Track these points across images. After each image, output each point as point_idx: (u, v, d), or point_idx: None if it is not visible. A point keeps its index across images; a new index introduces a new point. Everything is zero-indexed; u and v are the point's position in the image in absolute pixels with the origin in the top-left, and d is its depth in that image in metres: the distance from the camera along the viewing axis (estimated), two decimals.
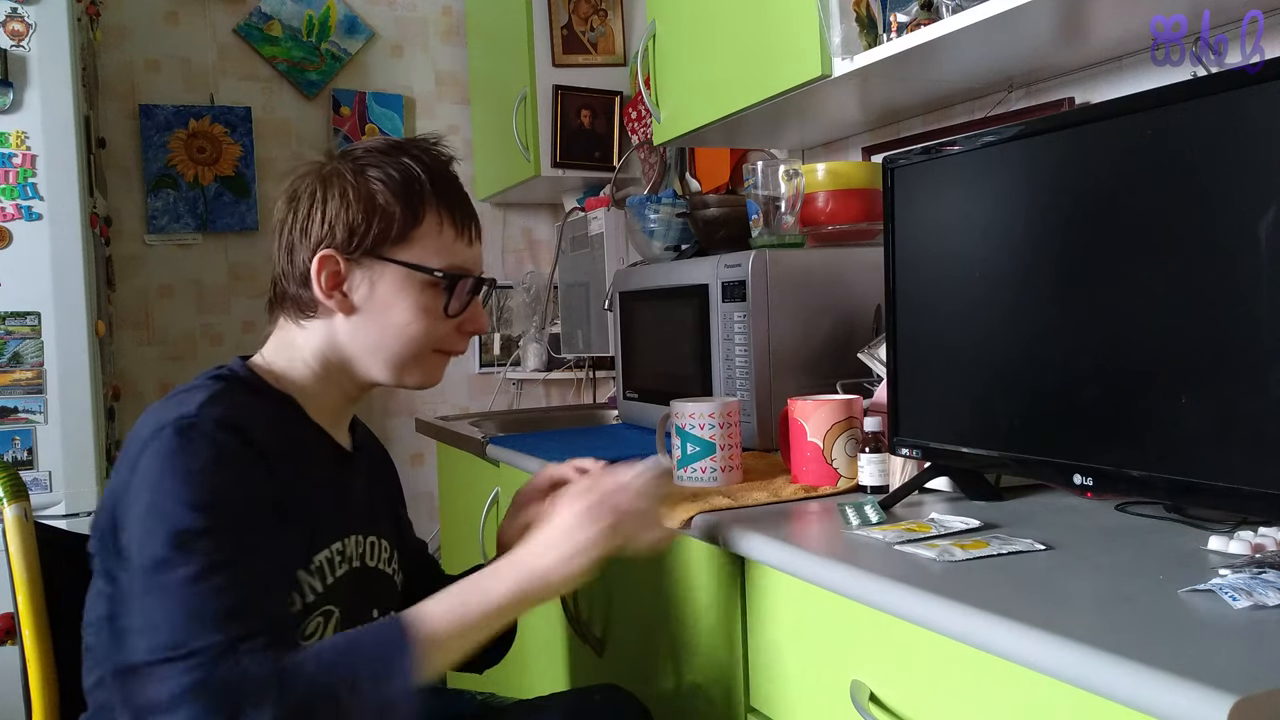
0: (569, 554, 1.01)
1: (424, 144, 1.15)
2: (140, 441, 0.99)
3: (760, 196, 1.66)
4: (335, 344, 1.12)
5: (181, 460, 0.95)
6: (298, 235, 1.10)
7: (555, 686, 1.66)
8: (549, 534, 1.02)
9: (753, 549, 1.09)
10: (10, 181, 2.25)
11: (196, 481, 0.95)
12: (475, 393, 3.39)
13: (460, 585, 1.00)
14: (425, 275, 1.10)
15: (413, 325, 1.11)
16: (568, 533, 1.02)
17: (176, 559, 0.91)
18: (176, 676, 0.87)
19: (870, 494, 1.26)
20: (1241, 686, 0.60)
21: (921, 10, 1.43)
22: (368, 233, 1.08)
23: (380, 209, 1.08)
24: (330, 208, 1.09)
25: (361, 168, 1.10)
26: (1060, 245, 1.03)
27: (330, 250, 1.08)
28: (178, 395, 1.03)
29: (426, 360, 1.14)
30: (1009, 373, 1.09)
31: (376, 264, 1.09)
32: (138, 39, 3.03)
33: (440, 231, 1.11)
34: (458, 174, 1.17)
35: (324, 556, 1.08)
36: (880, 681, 0.94)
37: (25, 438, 2.26)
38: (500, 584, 0.99)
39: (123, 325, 2.99)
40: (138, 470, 0.97)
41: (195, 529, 0.93)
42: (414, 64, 3.33)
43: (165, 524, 0.93)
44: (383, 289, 1.10)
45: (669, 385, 1.84)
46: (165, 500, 0.94)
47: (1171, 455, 0.91)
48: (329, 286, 1.09)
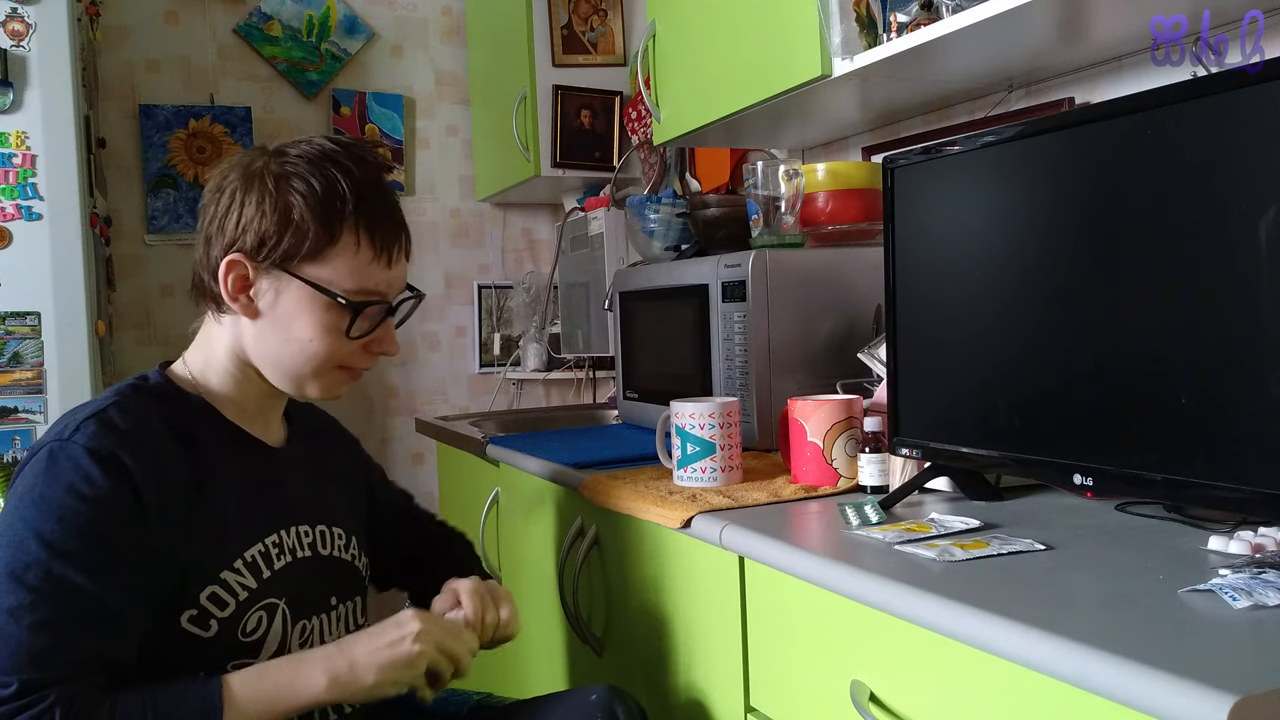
0: (383, 667, 1.04)
1: (357, 153, 1.12)
2: (24, 461, 1.01)
3: (760, 196, 1.66)
4: (242, 345, 1.12)
5: (41, 486, 0.97)
6: (215, 229, 1.09)
7: (554, 686, 1.66)
8: (375, 639, 1.06)
9: (753, 549, 1.09)
10: (10, 181, 2.25)
11: (49, 511, 0.96)
12: (475, 393, 3.39)
13: (282, 665, 1.03)
14: (329, 298, 1.09)
15: (314, 343, 1.10)
16: (382, 633, 1.06)
17: (8, 585, 0.94)
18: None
19: (870, 494, 1.26)
20: (1241, 686, 0.60)
21: (921, 10, 1.43)
22: (278, 245, 1.07)
23: (294, 224, 1.07)
24: (246, 211, 1.07)
25: (286, 174, 1.08)
26: (1060, 245, 1.03)
27: (239, 255, 1.07)
28: (74, 410, 1.05)
29: (327, 376, 1.13)
30: (1009, 373, 1.09)
31: (284, 276, 1.08)
32: (138, 39, 3.03)
33: (356, 252, 1.09)
34: (388, 189, 1.14)
35: (256, 551, 1.09)
36: (880, 681, 0.94)
37: (25, 438, 2.26)
38: (314, 680, 1.02)
39: (123, 325, 2.99)
40: (12, 489, 0.99)
41: (33, 559, 0.94)
42: (414, 64, 3.33)
43: (11, 548, 0.95)
44: (286, 302, 1.09)
45: (669, 385, 1.84)
46: (16, 524, 0.96)
47: (1171, 455, 0.91)
48: (235, 289, 1.08)
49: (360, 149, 1.13)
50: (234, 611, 1.06)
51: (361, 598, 1.24)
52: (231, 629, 1.06)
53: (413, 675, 1.06)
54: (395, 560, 1.38)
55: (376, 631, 1.07)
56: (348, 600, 1.21)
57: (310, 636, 1.14)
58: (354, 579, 1.23)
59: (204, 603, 1.04)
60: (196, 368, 1.14)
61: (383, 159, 1.15)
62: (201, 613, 1.04)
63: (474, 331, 3.38)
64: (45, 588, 0.94)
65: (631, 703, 1.22)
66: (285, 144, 1.12)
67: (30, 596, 0.93)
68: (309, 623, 1.14)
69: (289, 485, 1.18)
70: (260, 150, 1.12)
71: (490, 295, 3.40)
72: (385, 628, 1.07)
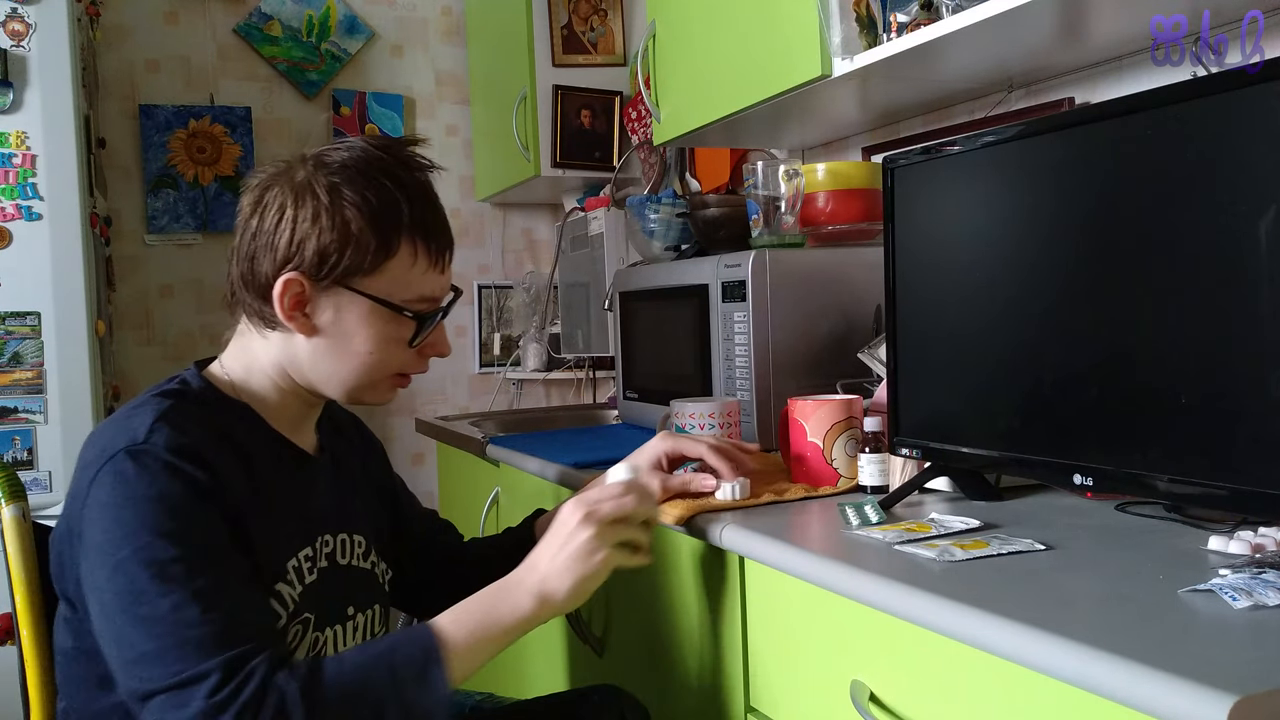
0: (573, 563, 1.01)
1: (404, 157, 1.09)
2: (89, 469, 0.97)
3: (760, 196, 1.66)
4: (294, 360, 1.09)
5: (138, 489, 0.93)
6: (262, 246, 1.04)
7: (555, 686, 1.66)
8: (551, 545, 1.02)
9: (753, 549, 1.09)
10: (10, 181, 2.25)
11: (157, 509, 0.93)
12: (475, 393, 3.39)
13: (481, 600, 1.00)
14: (394, 310, 1.07)
15: (374, 355, 1.08)
16: (564, 545, 1.01)
17: (155, 589, 0.90)
18: (195, 699, 0.86)
19: (870, 494, 1.26)
20: (1241, 686, 0.60)
21: (921, 10, 1.43)
22: (339, 262, 1.03)
23: (354, 238, 1.03)
24: (300, 227, 1.03)
25: (336, 186, 1.03)
26: (1060, 245, 1.03)
27: (295, 274, 1.03)
28: (124, 416, 1.01)
29: (382, 384, 1.12)
30: (1009, 373, 1.09)
31: (344, 293, 1.05)
32: (138, 39, 3.03)
33: (414, 263, 1.07)
34: (435, 193, 1.11)
35: (292, 566, 1.07)
36: (880, 681, 0.94)
37: (25, 438, 2.26)
38: (515, 605, 1.00)
39: (123, 325, 2.99)
40: (90, 501, 0.95)
41: (167, 557, 0.91)
42: (414, 64, 3.33)
43: (136, 555, 0.91)
44: (348, 318, 1.06)
45: (669, 385, 1.84)
46: (129, 531, 0.92)
47: (1171, 455, 0.91)
48: (291, 307, 1.05)
49: (404, 152, 1.09)
50: (283, 623, 1.03)
51: (381, 606, 1.20)
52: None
53: (604, 561, 1.01)
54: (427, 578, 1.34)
55: (550, 537, 1.03)
56: (366, 609, 1.17)
57: (323, 649, 1.10)
58: (372, 587, 1.19)
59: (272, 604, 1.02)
60: (237, 375, 1.10)
61: (427, 160, 1.12)
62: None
63: (474, 331, 3.38)
64: (192, 576, 0.91)
65: (633, 703, 1.22)
66: (323, 151, 1.07)
67: (182, 590, 0.90)
68: (322, 635, 1.10)
69: (319, 492, 1.15)
70: (299, 160, 1.07)
71: (490, 295, 3.40)
72: (556, 531, 1.03)
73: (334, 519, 1.16)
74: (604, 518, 1.02)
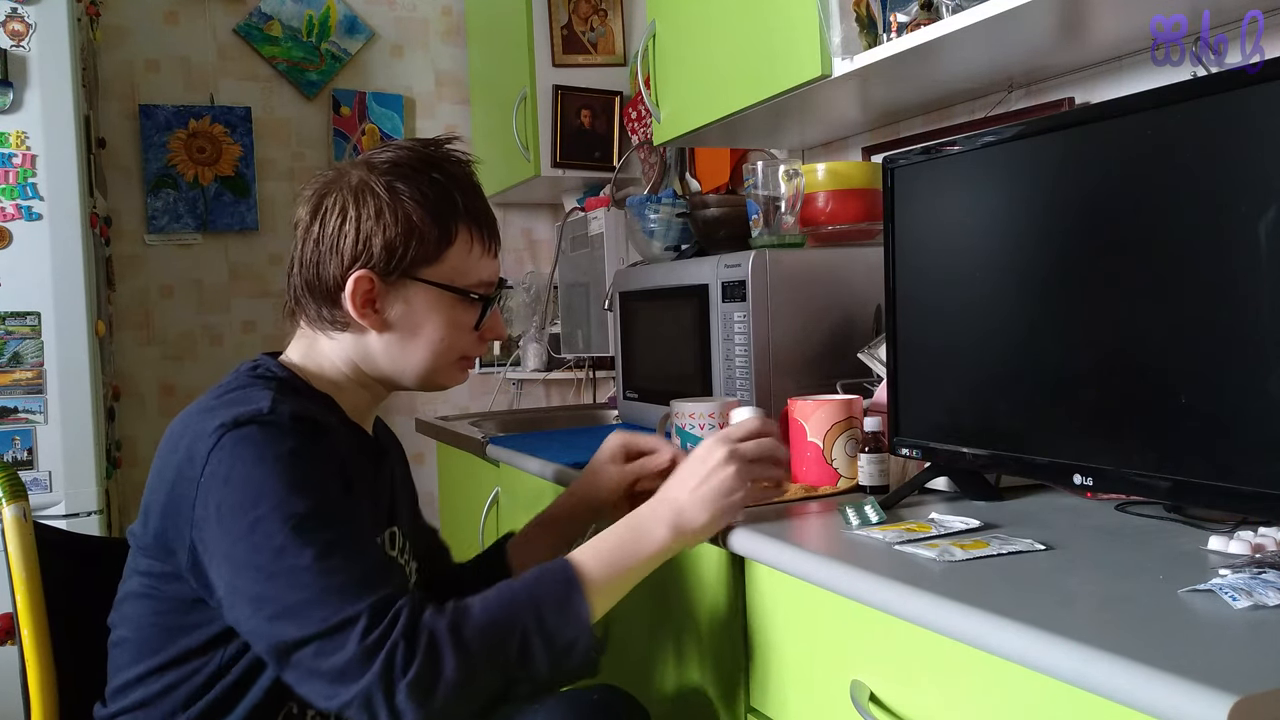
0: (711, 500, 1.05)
1: (449, 153, 1.14)
2: (201, 440, 0.98)
3: (760, 196, 1.66)
4: (367, 356, 1.13)
5: (267, 450, 0.96)
6: (326, 250, 1.09)
7: None
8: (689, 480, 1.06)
9: (753, 549, 1.09)
10: (10, 181, 2.25)
11: (290, 468, 0.96)
12: (475, 393, 3.39)
13: (618, 532, 1.04)
14: (459, 295, 1.12)
15: (444, 341, 1.13)
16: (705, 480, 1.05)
17: (296, 543, 0.93)
18: (349, 643, 0.89)
19: (870, 494, 1.26)
20: (1241, 686, 0.60)
21: (921, 10, 1.43)
22: (405, 254, 1.08)
23: (417, 229, 1.08)
24: (365, 225, 1.07)
25: (393, 184, 1.08)
26: (1060, 245, 1.03)
27: (366, 271, 1.08)
28: (229, 395, 1.04)
29: (452, 368, 1.17)
30: (1009, 373, 1.09)
31: (411, 284, 1.10)
32: (138, 39, 3.03)
33: (470, 249, 1.12)
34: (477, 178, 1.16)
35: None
36: (880, 681, 0.94)
37: (25, 438, 2.26)
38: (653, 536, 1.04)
39: (123, 325, 2.99)
40: (208, 470, 0.96)
41: (304, 512, 0.94)
42: (414, 64, 3.33)
43: (274, 512, 0.94)
44: (417, 308, 1.11)
45: (669, 385, 1.84)
46: (263, 491, 0.95)
47: (1171, 455, 0.91)
48: (362, 305, 1.09)
49: (444, 150, 1.14)
50: None
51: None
52: None
53: (742, 499, 1.07)
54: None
55: (688, 471, 1.07)
56: None
57: None
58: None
59: None
60: (311, 371, 1.14)
61: (468, 155, 1.17)
62: None
63: None
64: (329, 528, 0.94)
65: (632, 703, 1.22)
66: (370, 155, 1.12)
67: (322, 541, 0.93)
68: None
69: (382, 486, 1.19)
70: (348, 166, 1.12)
71: None
72: (693, 467, 1.07)
73: (391, 513, 1.20)
74: (746, 455, 1.07)
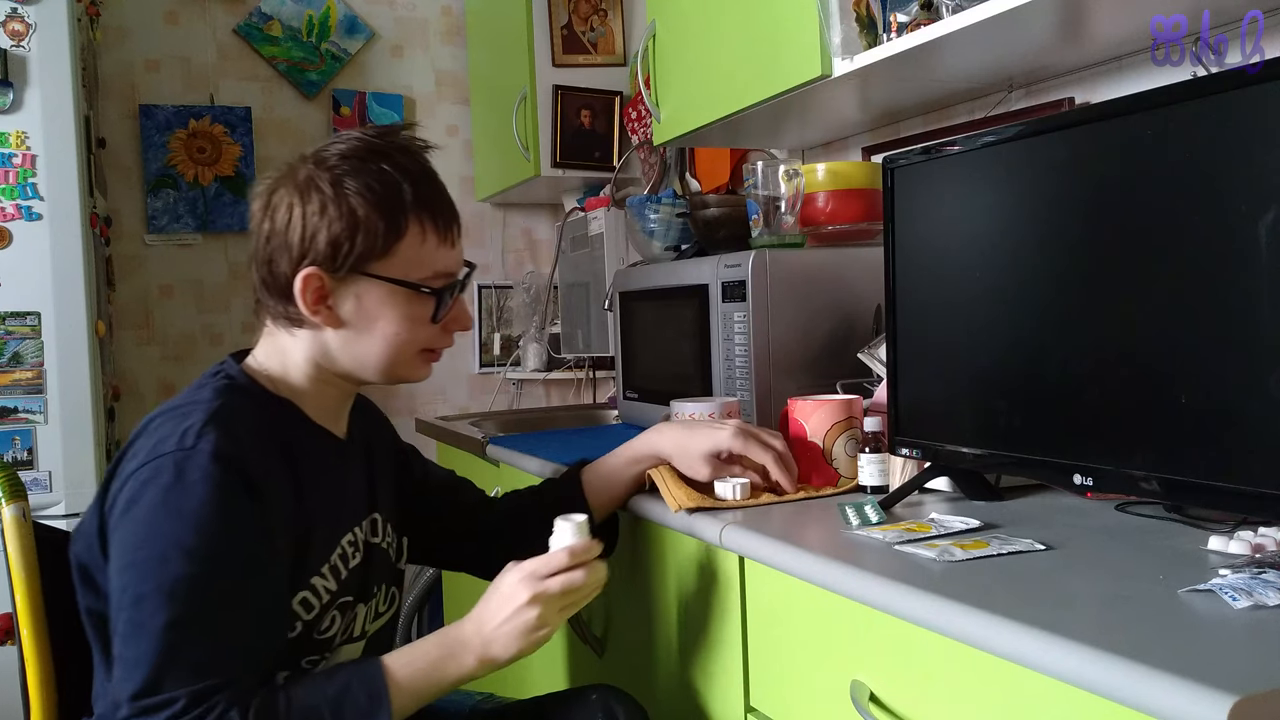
0: (518, 638, 1.04)
1: (401, 142, 1.12)
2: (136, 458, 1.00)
3: (760, 196, 1.66)
4: (326, 353, 1.12)
5: (176, 499, 0.96)
6: (277, 247, 1.08)
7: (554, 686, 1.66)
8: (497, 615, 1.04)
9: (753, 549, 1.09)
10: (10, 181, 2.25)
11: (190, 524, 0.96)
12: (475, 393, 3.39)
13: (431, 652, 1.04)
14: (412, 289, 1.10)
15: (401, 334, 1.11)
16: (510, 619, 1.04)
17: (160, 602, 0.94)
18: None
19: (870, 494, 1.26)
20: (1241, 686, 0.60)
21: (921, 10, 1.43)
22: (351, 250, 1.06)
23: (362, 224, 1.06)
24: (310, 221, 1.06)
25: (339, 178, 1.07)
26: (1060, 245, 1.03)
27: (314, 268, 1.06)
28: (179, 410, 1.03)
29: (413, 361, 1.15)
30: (1009, 373, 1.09)
31: (362, 279, 1.08)
32: (138, 39, 3.03)
33: (423, 240, 1.10)
34: (435, 171, 1.14)
35: (336, 555, 1.12)
36: (880, 681, 0.94)
37: (25, 438, 2.26)
38: (460, 664, 1.04)
39: (123, 325, 2.99)
40: (135, 501, 0.97)
41: (183, 575, 0.94)
42: (414, 64, 3.33)
43: (155, 565, 0.95)
44: (369, 304, 1.09)
45: (669, 385, 1.84)
46: (158, 540, 0.95)
47: (1172, 455, 0.91)
48: (314, 302, 1.08)
49: (399, 137, 1.12)
50: (317, 613, 1.08)
51: (390, 582, 1.25)
52: (310, 629, 1.08)
53: (547, 634, 1.06)
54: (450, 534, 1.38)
55: (496, 606, 1.05)
56: (382, 585, 1.22)
57: (350, 627, 1.16)
58: (387, 563, 1.24)
59: (295, 607, 1.06)
60: (275, 371, 1.13)
61: (422, 139, 1.15)
62: (290, 616, 1.05)
63: (474, 331, 3.38)
64: (195, 599, 0.95)
65: (631, 703, 1.22)
66: (321, 148, 1.11)
67: (181, 609, 0.94)
68: (353, 612, 1.16)
69: (357, 480, 1.20)
70: (300, 160, 1.10)
71: (490, 295, 3.40)
72: (501, 601, 1.05)
73: (367, 500, 1.21)
74: (552, 596, 1.05)
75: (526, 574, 1.06)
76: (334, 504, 1.13)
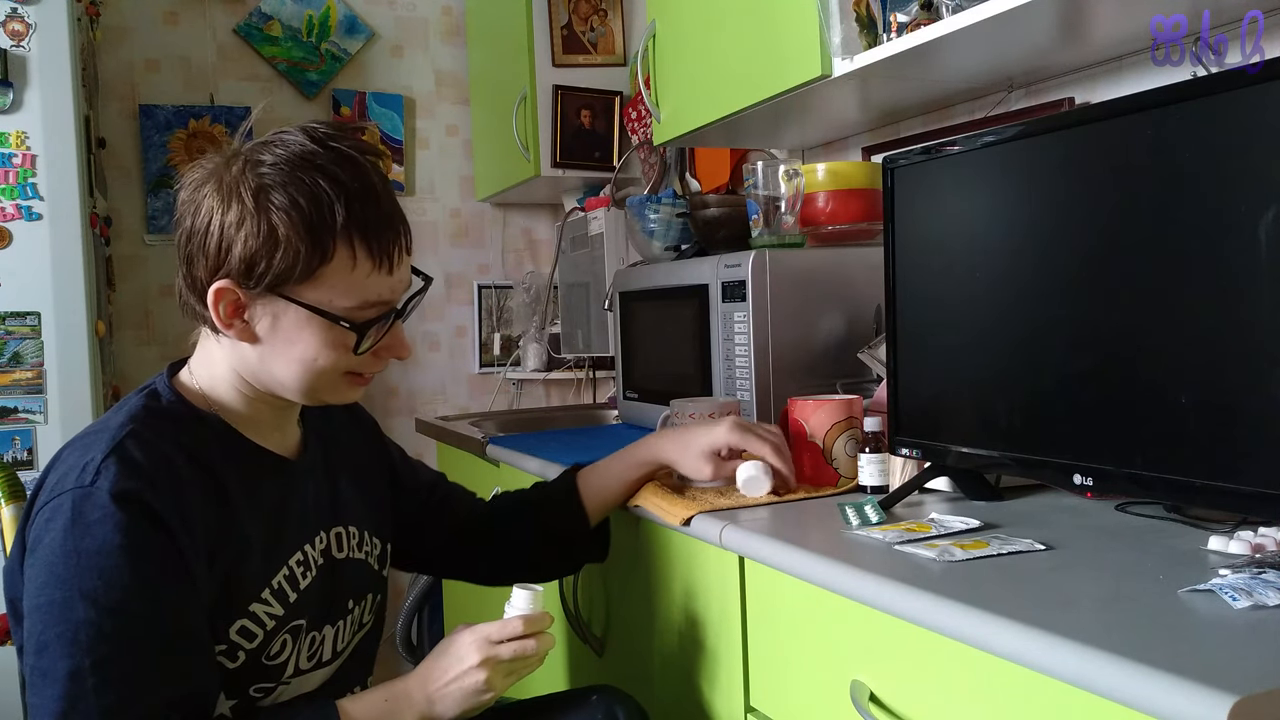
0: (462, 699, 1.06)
1: (341, 151, 1.00)
2: (44, 503, 0.96)
3: (760, 196, 1.66)
4: (247, 366, 1.05)
5: (75, 541, 0.92)
6: (196, 250, 0.99)
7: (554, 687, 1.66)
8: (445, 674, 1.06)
9: (753, 549, 1.09)
10: (10, 181, 2.25)
11: (92, 567, 0.91)
12: (475, 393, 3.39)
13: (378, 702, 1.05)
14: (331, 320, 1.00)
15: (319, 361, 1.02)
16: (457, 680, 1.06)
17: (63, 650, 0.90)
18: None
19: (870, 494, 1.26)
20: (1241, 686, 0.60)
21: (921, 10, 1.43)
22: (267, 270, 0.97)
23: (281, 245, 0.96)
24: (227, 232, 0.97)
25: (265, 188, 0.96)
26: (1060, 245, 1.03)
27: (227, 281, 0.98)
28: (86, 440, 0.99)
29: (338, 385, 1.07)
30: (1009, 373, 1.09)
31: (279, 300, 0.99)
32: (138, 39, 3.03)
33: (353, 267, 0.99)
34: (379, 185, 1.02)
35: (282, 577, 1.07)
36: (880, 681, 0.94)
37: (25, 438, 2.26)
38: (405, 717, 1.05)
39: (123, 325, 2.99)
40: (40, 541, 0.94)
41: (84, 620, 0.90)
42: (414, 64, 3.33)
43: (58, 610, 0.91)
44: (286, 325, 1.01)
45: (669, 385, 1.84)
46: (59, 585, 0.91)
47: (1171, 455, 0.91)
48: (229, 315, 1.00)
49: (343, 144, 1.01)
50: (261, 641, 1.04)
51: (374, 593, 1.22)
52: (257, 656, 1.04)
53: (493, 697, 1.07)
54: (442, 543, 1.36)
55: (445, 665, 1.06)
56: (361, 600, 1.19)
57: (318, 648, 1.12)
58: (366, 575, 1.20)
59: (234, 637, 1.02)
60: (205, 383, 1.07)
61: (370, 148, 1.04)
62: (230, 647, 1.01)
63: (474, 331, 3.38)
64: (100, 646, 0.90)
65: (631, 703, 1.22)
66: (261, 144, 1.00)
67: (88, 657, 0.90)
68: (319, 633, 1.11)
69: (307, 496, 1.13)
70: (234, 154, 1.00)
71: (490, 295, 3.39)
72: (451, 661, 1.06)
73: (327, 515, 1.16)
74: (501, 663, 1.07)
75: (480, 638, 1.07)
76: (274, 524, 1.07)
